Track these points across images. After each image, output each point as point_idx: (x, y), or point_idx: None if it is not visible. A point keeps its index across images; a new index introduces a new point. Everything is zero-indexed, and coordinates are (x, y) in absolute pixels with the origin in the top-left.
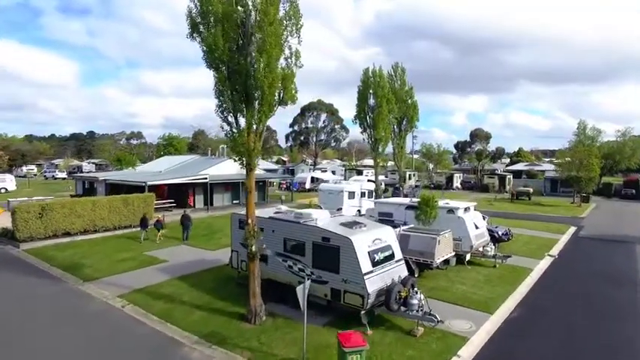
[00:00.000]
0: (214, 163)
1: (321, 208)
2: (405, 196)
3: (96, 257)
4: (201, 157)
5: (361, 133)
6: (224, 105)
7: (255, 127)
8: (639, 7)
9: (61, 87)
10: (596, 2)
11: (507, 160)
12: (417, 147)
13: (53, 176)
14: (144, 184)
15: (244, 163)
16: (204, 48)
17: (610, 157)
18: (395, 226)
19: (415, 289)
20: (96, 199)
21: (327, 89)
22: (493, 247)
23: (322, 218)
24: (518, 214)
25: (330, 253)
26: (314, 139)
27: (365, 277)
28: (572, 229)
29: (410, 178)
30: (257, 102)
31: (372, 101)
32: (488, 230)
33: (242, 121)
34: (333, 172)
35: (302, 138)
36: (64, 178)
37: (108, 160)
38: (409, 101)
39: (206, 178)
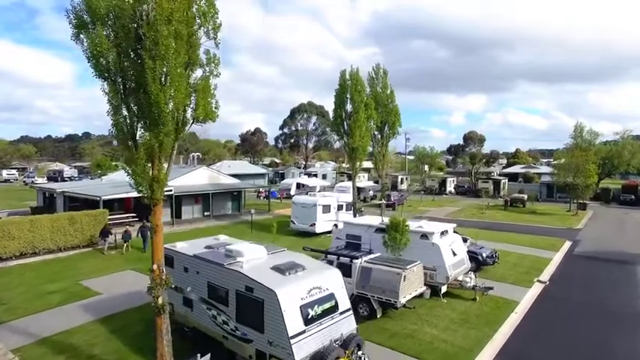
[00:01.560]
0: (183, 172)
1: (294, 223)
2: (393, 204)
3: (18, 290)
4: (172, 166)
5: (337, 141)
6: (120, 125)
7: (158, 152)
8: (637, 7)
9: (57, 87)
10: (593, 2)
11: (504, 161)
12: (410, 149)
13: (32, 182)
14: (98, 198)
15: (147, 196)
16: (87, 53)
17: (608, 160)
18: (353, 258)
19: (361, 352)
20: (34, 219)
21: (324, 89)
22: (473, 276)
23: (252, 259)
24: (509, 224)
25: (253, 306)
26: (304, 141)
27: (292, 341)
28: (567, 245)
29: (402, 182)
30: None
31: (349, 106)
32: (471, 253)
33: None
34: (324, 177)
35: (292, 141)
36: (44, 183)
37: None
38: (390, 106)
39: (171, 190)
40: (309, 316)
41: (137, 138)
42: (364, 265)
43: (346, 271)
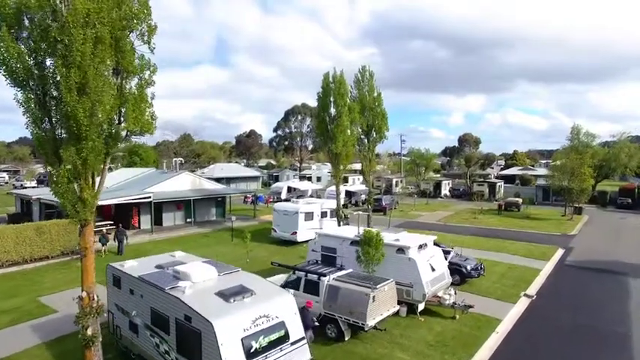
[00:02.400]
0: (166, 178)
1: (275, 232)
2: (384, 209)
3: None
4: (156, 170)
5: (321, 147)
6: (41, 139)
7: (83, 170)
8: (635, 7)
9: None
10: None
11: (502, 163)
12: (405, 150)
13: (22, 185)
14: None
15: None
16: None
17: (605, 163)
18: (320, 276)
19: None
20: None
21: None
22: (453, 292)
23: (199, 282)
24: (502, 230)
25: (193, 337)
26: (299, 143)
27: None
28: (559, 254)
29: (397, 185)
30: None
31: (333, 110)
32: (455, 265)
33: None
34: (319, 179)
35: (286, 143)
36: (34, 187)
37: None
38: (377, 109)
39: (150, 197)
40: (252, 349)
41: (60, 153)
42: (332, 284)
43: (314, 289)
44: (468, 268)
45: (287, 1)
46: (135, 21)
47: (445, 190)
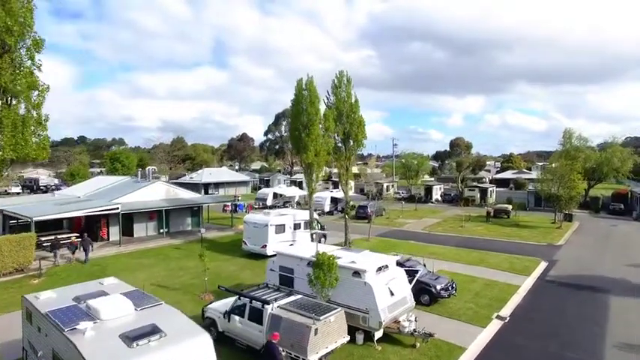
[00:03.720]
0: (138, 187)
1: (246, 244)
2: (369, 217)
3: None
4: (131, 179)
5: (293, 157)
6: None
7: None
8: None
9: (55, 90)
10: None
11: (499, 165)
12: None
13: (5, 191)
14: (30, 219)
15: None
16: None
17: (598, 167)
18: (264, 303)
19: None
20: None
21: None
22: (413, 319)
23: (108, 319)
24: (487, 240)
25: None
26: (290, 147)
27: None
28: (542, 267)
29: (388, 190)
30: None
31: (305, 118)
32: (424, 284)
33: None
34: None
35: (277, 147)
36: (19, 193)
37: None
38: (354, 116)
39: (117, 208)
40: None
41: None
42: (274, 312)
43: (258, 317)
44: (438, 287)
45: (284, 3)
46: (10, 34)
47: (437, 195)
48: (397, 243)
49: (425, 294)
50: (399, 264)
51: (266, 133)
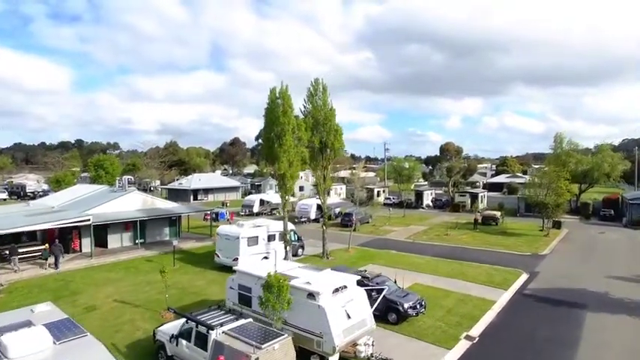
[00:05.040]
0: (113, 197)
1: (218, 257)
2: (353, 224)
3: None
4: (107, 188)
5: (266, 167)
6: None
7: None
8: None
9: (53, 93)
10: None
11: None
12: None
13: None
14: None
15: None
16: None
17: (588, 173)
18: (209, 328)
19: None
20: None
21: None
22: (370, 342)
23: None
24: (470, 250)
25: None
26: None
27: None
28: (522, 280)
29: (379, 195)
30: None
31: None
32: (391, 302)
33: None
34: (301, 189)
35: None
36: (5, 200)
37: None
38: (329, 125)
39: (89, 220)
40: None
41: None
42: (217, 339)
43: (203, 343)
44: (406, 306)
45: (281, 6)
46: None
47: (427, 200)
48: (377, 253)
49: (392, 312)
50: (361, 283)
51: (257, 138)
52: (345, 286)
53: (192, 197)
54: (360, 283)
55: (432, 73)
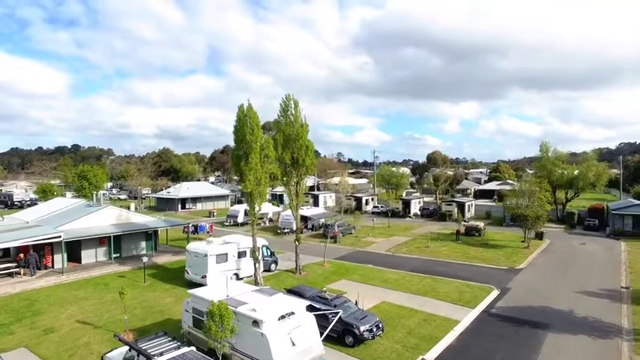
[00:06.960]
0: (88, 212)
1: (188, 274)
2: (335, 236)
3: None
4: (83, 203)
5: (237, 185)
6: None
7: None
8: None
9: (51, 97)
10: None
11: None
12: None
13: None
14: None
15: None
16: None
17: (574, 182)
18: (149, 358)
19: None
20: None
21: (318, 97)
22: None
23: None
24: (447, 264)
25: None
26: None
27: None
28: (492, 297)
29: (367, 203)
30: None
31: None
32: (348, 325)
33: None
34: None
35: None
36: None
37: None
38: (300, 141)
39: (60, 237)
40: None
41: None
42: None
43: None
44: (362, 329)
45: (278, 11)
46: None
47: (415, 209)
48: (353, 268)
49: (349, 335)
50: (312, 308)
51: None
52: (293, 312)
53: (180, 206)
54: (311, 308)
55: (429, 76)
